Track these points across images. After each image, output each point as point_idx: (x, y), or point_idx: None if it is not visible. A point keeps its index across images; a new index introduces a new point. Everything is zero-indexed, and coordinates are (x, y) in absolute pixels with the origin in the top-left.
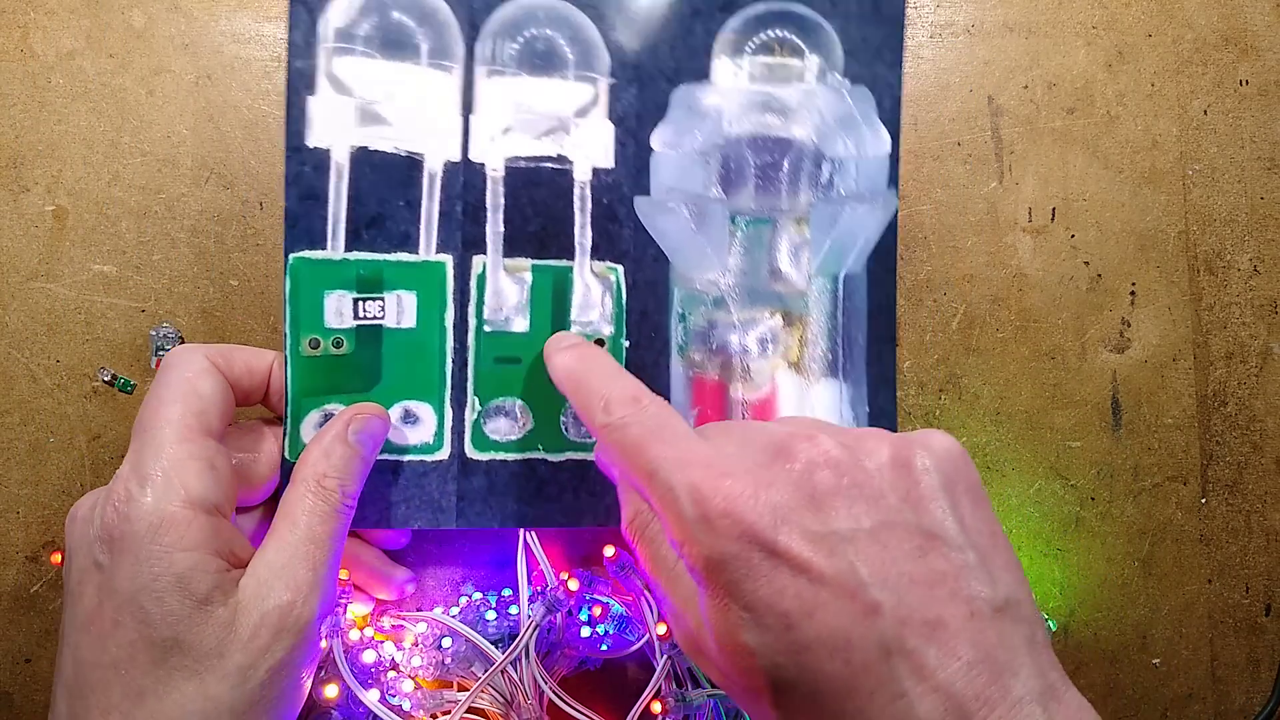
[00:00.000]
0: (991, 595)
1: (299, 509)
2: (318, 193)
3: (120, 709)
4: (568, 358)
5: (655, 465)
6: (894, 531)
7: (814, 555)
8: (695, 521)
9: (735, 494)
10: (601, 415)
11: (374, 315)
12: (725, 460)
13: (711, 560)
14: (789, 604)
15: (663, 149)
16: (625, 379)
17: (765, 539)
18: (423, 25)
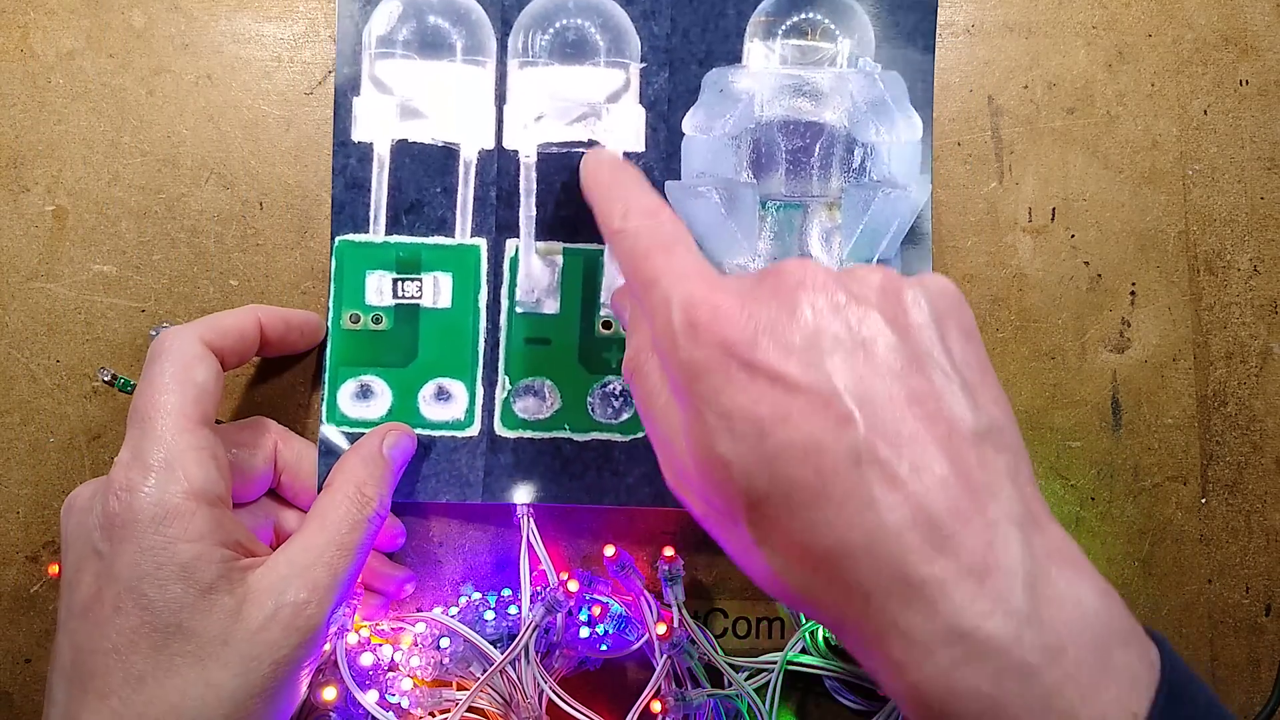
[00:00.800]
0: (974, 420)
1: (333, 514)
2: (361, 182)
3: (119, 694)
4: (601, 164)
5: (657, 274)
6: (876, 349)
7: (789, 365)
8: (681, 329)
9: (722, 305)
10: (618, 221)
11: (412, 295)
12: (722, 279)
13: (692, 367)
14: (763, 410)
15: (694, 133)
16: (650, 194)
17: (743, 349)
18: (457, 26)
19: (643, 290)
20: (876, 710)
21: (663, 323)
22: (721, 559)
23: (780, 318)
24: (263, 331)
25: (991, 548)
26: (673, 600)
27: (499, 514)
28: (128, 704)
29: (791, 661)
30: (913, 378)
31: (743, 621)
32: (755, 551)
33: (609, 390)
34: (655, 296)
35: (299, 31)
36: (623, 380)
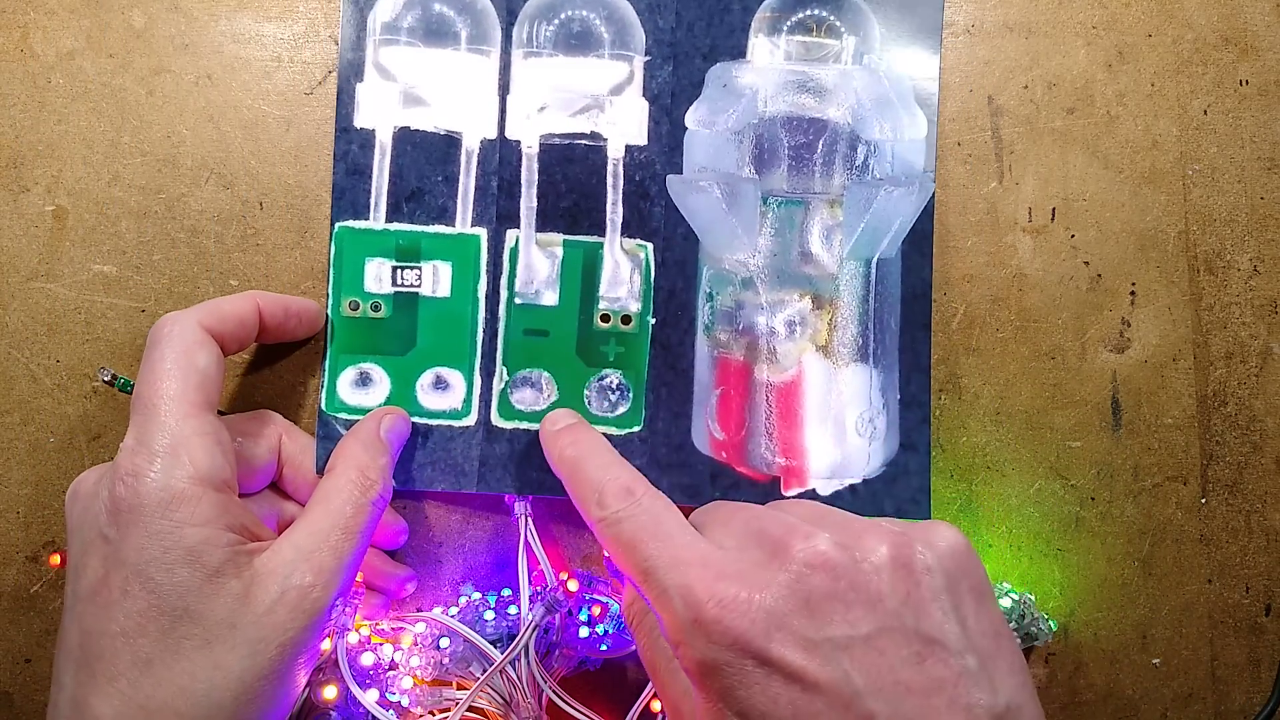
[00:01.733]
0: (991, 702)
1: (337, 498)
2: (362, 169)
3: (127, 676)
4: (563, 443)
5: (650, 564)
6: (891, 637)
7: (807, 664)
8: (688, 625)
9: (729, 599)
10: (596, 509)
11: (411, 283)
12: (720, 560)
13: (705, 665)
14: (782, 713)
15: (696, 127)
16: (619, 467)
17: (758, 647)
18: (462, 14)
19: (638, 579)
20: None
21: (668, 616)
22: None
23: (791, 609)
24: (262, 317)
25: None
26: None
27: (499, 512)
28: (135, 687)
29: None
30: (930, 663)
31: None
32: None
33: (606, 383)
34: (654, 587)
35: (299, 31)
36: (619, 375)
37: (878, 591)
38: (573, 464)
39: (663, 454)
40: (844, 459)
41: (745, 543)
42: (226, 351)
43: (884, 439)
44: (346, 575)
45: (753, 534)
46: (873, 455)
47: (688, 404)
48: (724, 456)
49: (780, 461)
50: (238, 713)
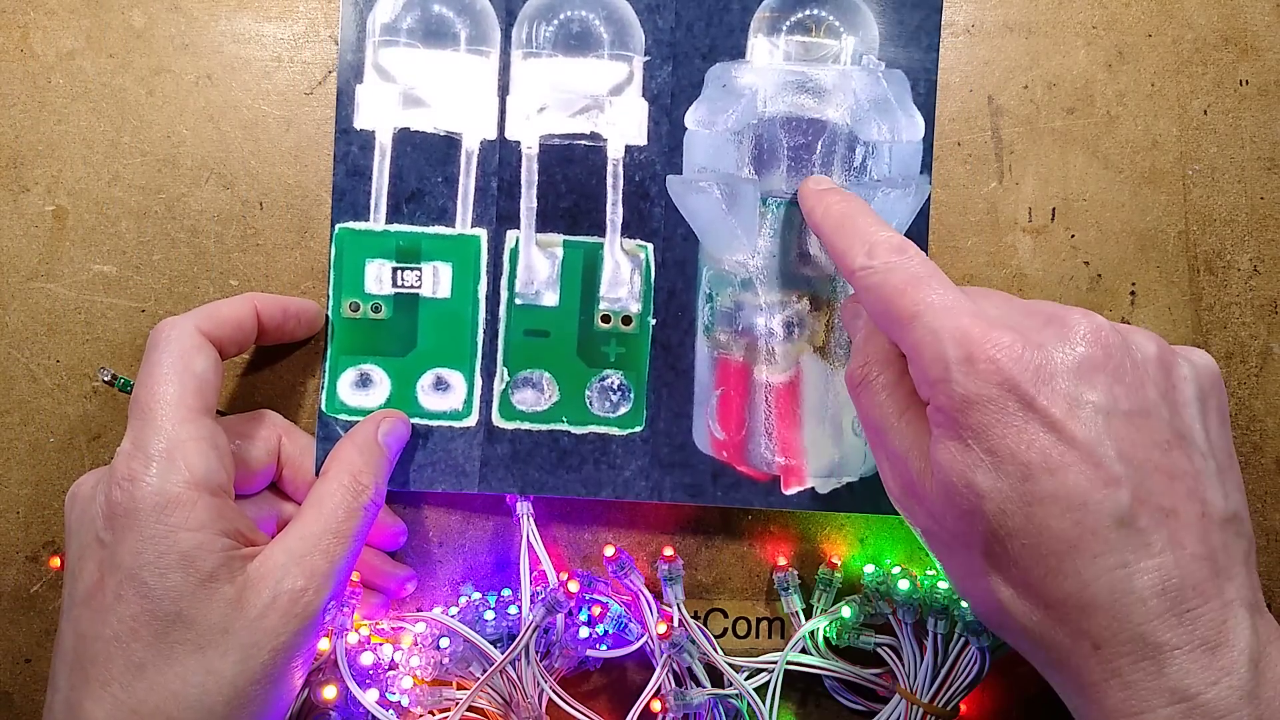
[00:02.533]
0: (1223, 505)
1: (329, 502)
2: (362, 170)
3: (120, 681)
4: (831, 199)
5: (920, 309)
6: (1148, 420)
7: (1068, 418)
8: (957, 362)
9: (1005, 344)
10: (863, 258)
11: (411, 284)
12: (994, 316)
13: (966, 400)
14: (1033, 455)
15: (696, 128)
16: (888, 229)
17: (1026, 391)
18: (461, 15)
19: (900, 325)
20: (877, 710)
21: (931, 355)
22: (721, 559)
23: (1065, 367)
24: (260, 320)
25: (1225, 625)
26: (673, 600)
27: (499, 512)
28: (129, 691)
29: (791, 661)
30: (1177, 454)
31: (743, 621)
32: (983, 579)
33: (607, 384)
34: (918, 330)
35: (299, 31)
36: (620, 375)
37: (1141, 378)
38: (841, 216)
39: (664, 454)
40: (842, 458)
41: (1015, 312)
42: (225, 355)
43: None
44: (339, 579)
45: (1023, 307)
46: (869, 454)
47: (688, 404)
48: (725, 456)
49: (780, 461)
50: (230, 717)
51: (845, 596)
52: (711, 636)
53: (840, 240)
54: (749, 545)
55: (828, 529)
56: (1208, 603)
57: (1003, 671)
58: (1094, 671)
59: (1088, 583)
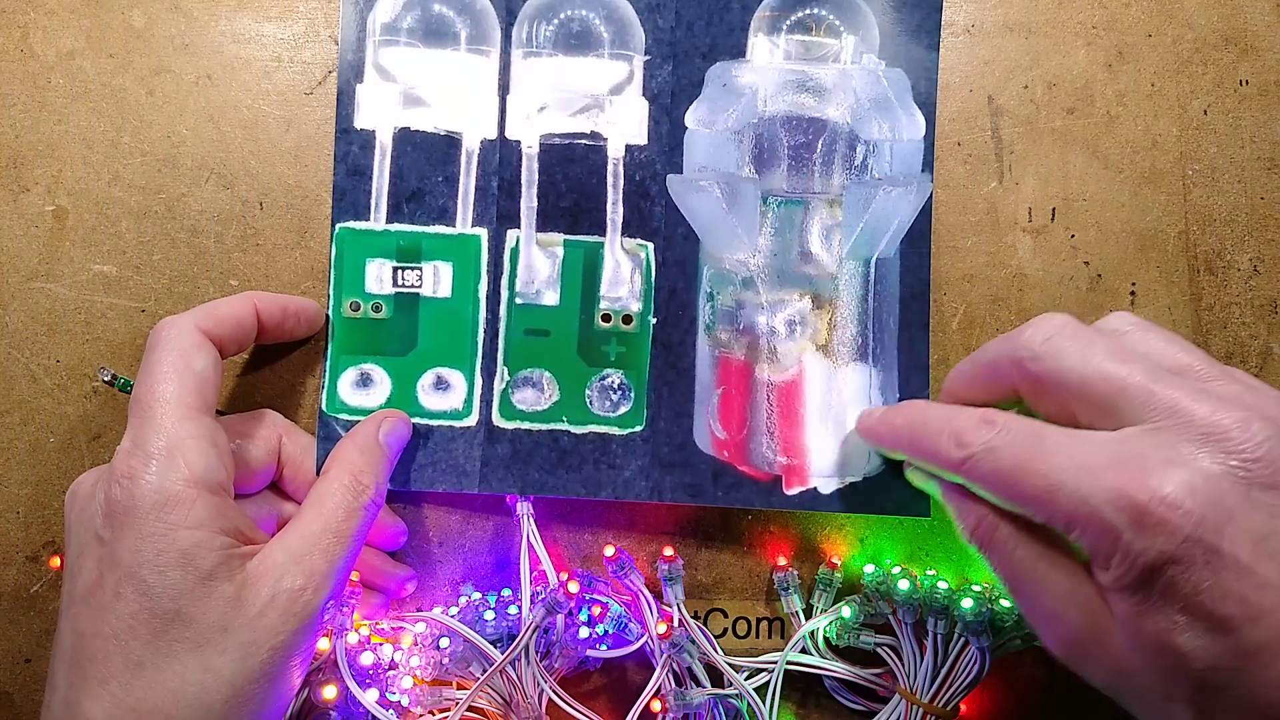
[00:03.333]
0: None
1: (329, 502)
2: (363, 170)
3: (119, 679)
4: (891, 416)
5: (1053, 479)
6: None
7: (1257, 558)
8: (1129, 527)
9: (1171, 490)
10: (957, 451)
11: (412, 284)
12: (1137, 456)
13: (1149, 564)
14: (1233, 608)
15: (696, 127)
16: (964, 409)
17: (1209, 540)
18: (462, 15)
19: (1040, 500)
20: (877, 710)
21: (1094, 528)
22: (721, 559)
23: (1237, 499)
24: (260, 318)
25: None
26: (673, 600)
27: (499, 512)
28: (127, 689)
29: (791, 661)
30: None
31: (743, 621)
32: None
33: (607, 383)
34: (1064, 502)
35: (299, 31)
36: (621, 374)
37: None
38: (911, 423)
39: (665, 453)
40: (844, 457)
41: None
42: (225, 353)
43: None
44: (338, 578)
45: (1167, 411)
46: (873, 454)
47: (689, 403)
48: (726, 455)
49: (781, 460)
50: (228, 715)
51: (845, 596)
52: (711, 636)
53: (925, 445)
54: (749, 545)
55: (828, 529)
56: None
57: (1003, 671)
58: None
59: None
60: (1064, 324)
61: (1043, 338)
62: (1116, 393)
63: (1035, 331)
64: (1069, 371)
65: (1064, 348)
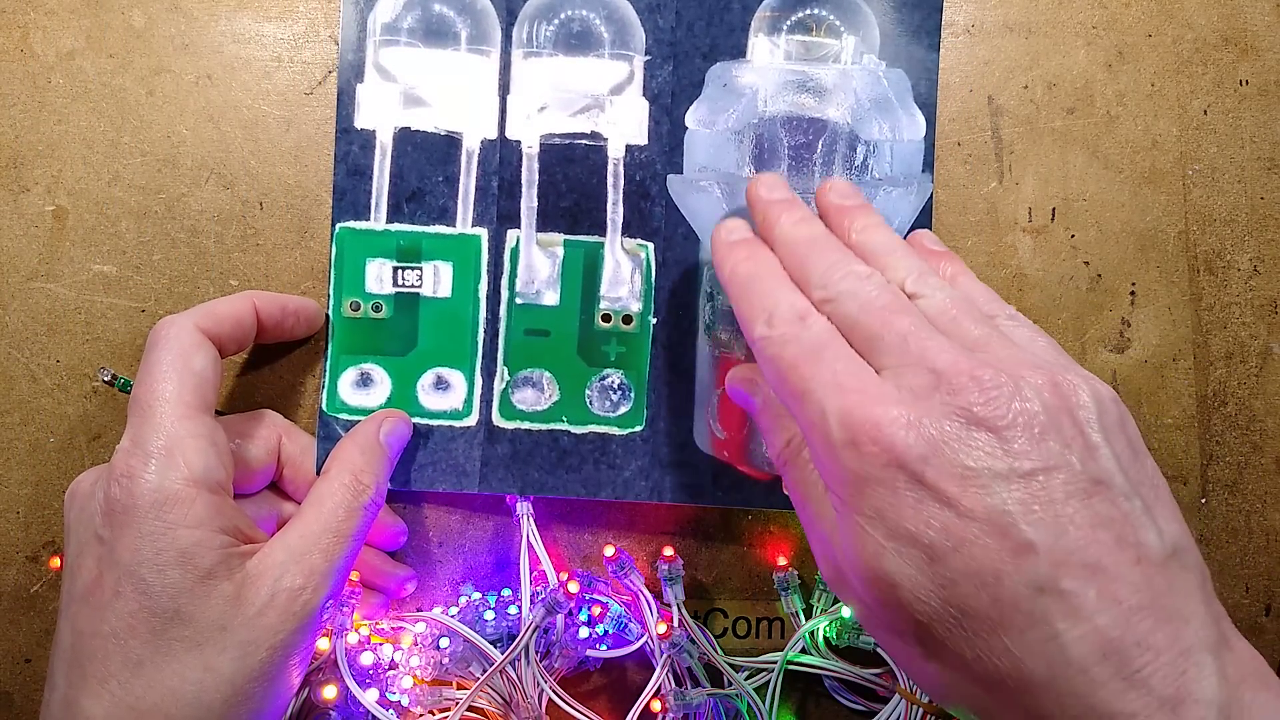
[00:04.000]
0: (1159, 543)
1: (329, 501)
2: (363, 169)
3: (118, 678)
4: (739, 255)
5: (809, 385)
6: (1056, 474)
7: (963, 491)
8: (843, 446)
9: (887, 420)
10: (762, 328)
11: (412, 284)
12: (879, 386)
13: (856, 485)
14: (934, 535)
15: (696, 127)
16: (795, 294)
17: (914, 469)
18: (462, 15)
19: (794, 401)
20: (877, 710)
21: (820, 436)
22: (721, 559)
23: (951, 434)
24: (259, 317)
25: (1184, 677)
26: (673, 600)
27: (499, 512)
28: (126, 688)
29: (791, 661)
30: (1095, 501)
31: (743, 621)
32: (922, 664)
33: (607, 383)
34: (809, 408)
35: (299, 31)
36: (621, 374)
37: (1041, 431)
38: (747, 279)
39: (665, 453)
40: None
41: (909, 373)
42: (225, 353)
43: None
44: (337, 578)
45: (919, 363)
46: None
47: (689, 403)
48: (726, 456)
49: None
50: (228, 714)
51: None
52: (711, 636)
53: (744, 305)
54: (749, 545)
55: None
56: (1159, 657)
57: None
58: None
59: (1021, 659)
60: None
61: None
62: (877, 336)
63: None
64: (849, 316)
65: (848, 290)
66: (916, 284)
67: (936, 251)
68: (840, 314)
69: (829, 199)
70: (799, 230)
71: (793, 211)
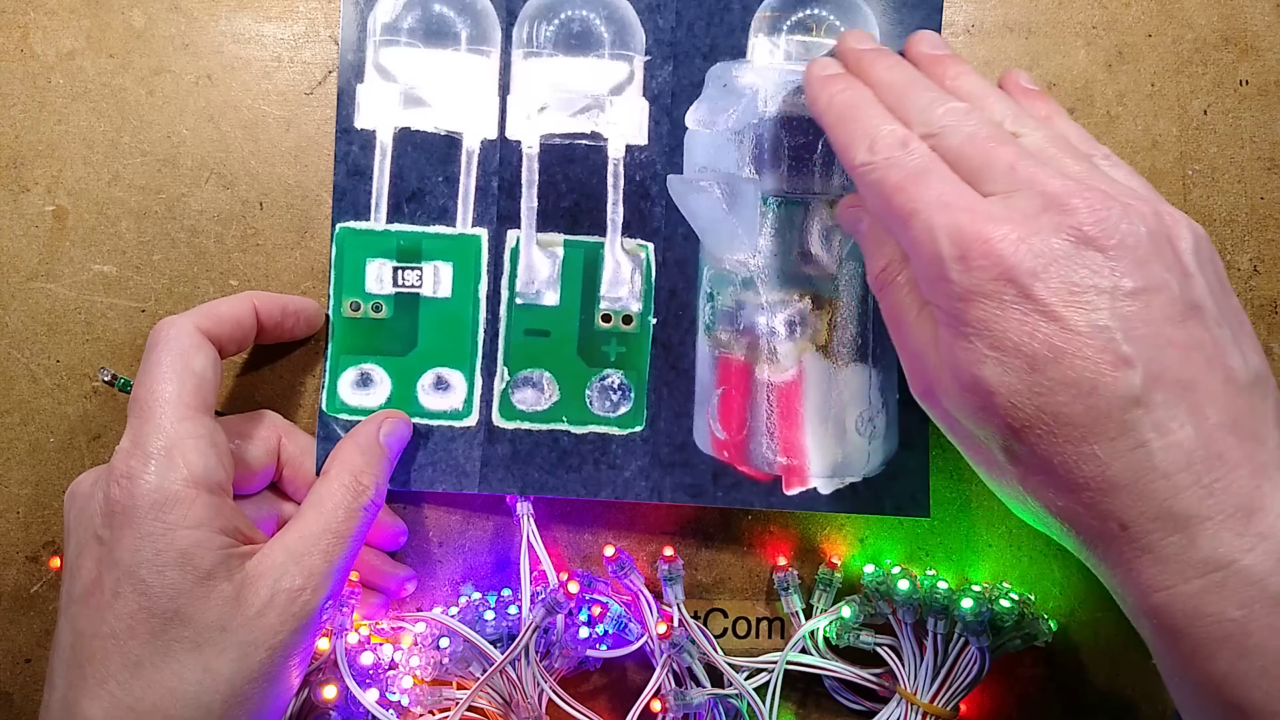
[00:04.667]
0: (1244, 368)
1: (329, 502)
2: (363, 170)
3: (117, 679)
4: (836, 88)
5: (916, 205)
6: (1155, 295)
7: (1068, 306)
8: (953, 260)
9: (998, 237)
10: (865, 154)
11: (412, 284)
12: (989, 206)
13: (966, 297)
14: (1037, 346)
15: (697, 127)
16: (893, 122)
17: (1023, 282)
18: (462, 15)
19: (899, 223)
20: (877, 710)
21: (929, 253)
22: (721, 559)
23: (1060, 252)
24: (259, 318)
25: (1259, 490)
26: (673, 600)
27: (499, 512)
28: (125, 689)
29: (791, 661)
30: (1190, 325)
31: (743, 621)
32: (1007, 469)
33: (607, 383)
34: (916, 227)
35: (299, 31)
36: (621, 374)
37: (1145, 255)
38: (845, 107)
39: (665, 453)
40: (844, 458)
41: (1018, 196)
42: (224, 354)
43: (884, 438)
44: (337, 579)
45: (1024, 183)
46: (873, 454)
47: (689, 403)
48: (726, 456)
49: (781, 461)
50: (227, 715)
51: (845, 596)
52: (711, 636)
53: (843, 133)
54: (749, 545)
55: (828, 529)
56: (1237, 470)
57: (1003, 671)
58: (1124, 550)
59: (1108, 464)
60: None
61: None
62: (984, 166)
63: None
64: (954, 149)
65: (951, 125)
66: (1015, 124)
67: (1031, 90)
68: (944, 146)
69: (920, 49)
70: (894, 73)
71: (886, 57)
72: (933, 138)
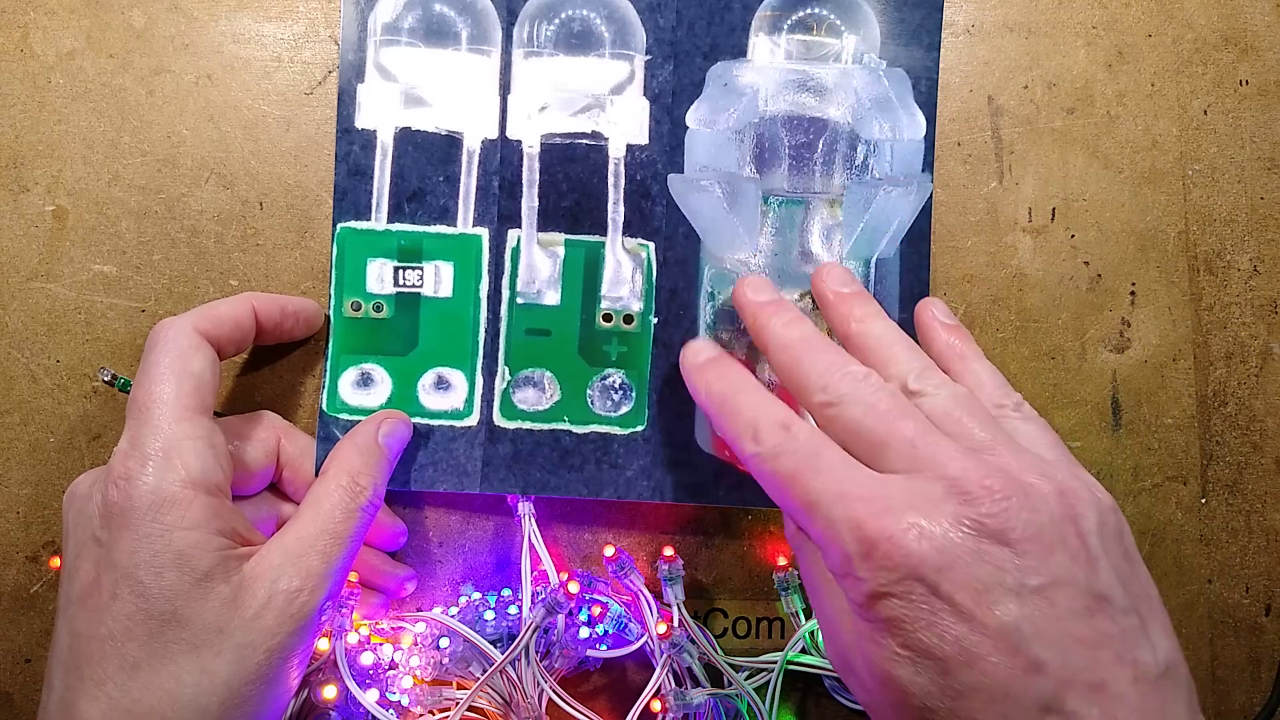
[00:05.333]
0: (1154, 660)
1: (327, 503)
2: (364, 169)
3: (115, 680)
4: (709, 377)
5: (814, 498)
6: (1062, 590)
7: (978, 605)
8: (859, 558)
9: (900, 531)
10: (750, 444)
11: (413, 283)
12: (887, 492)
13: (872, 595)
14: (948, 649)
15: (697, 127)
16: (772, 403)
17: (930, 581)
18: (463, 15)
19: (800, 513)
20: None
21: (834, 547)
22: (721, 559)
23: (964, 547)
24: (258, 319)
25: None
26: (673, 600)
27: (499, 512)
28: (123, 690)
29: (791, 661)
30: (1098, 619)
31: (743, 621)
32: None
33: (608, 383)
34: (817, 520)
35: (299, 31)
36: (622, 374)
37: (1049, 544)
38: (721, 399)
39: (666, 453)
40: None
41: (915, 478)
42: (223, 355)
43: None
44: (335, 580)
45: (925, 463)
46: None
47: (691, 403)
48: (727, 455)
49: None
50: (224, 717)
51: None
52: (711, 636)
53: (726, 426)
54: (749, 545)
55: None
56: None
57: None
58: None
59: None
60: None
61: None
62: (884, 441)
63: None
64: (853, 421)
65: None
66: (918, 381)
67: (948, 325)
68: (844, 418)
69: (826, 286)
70: (790, 331)
71: (782, 313)
72: (832, 407)
